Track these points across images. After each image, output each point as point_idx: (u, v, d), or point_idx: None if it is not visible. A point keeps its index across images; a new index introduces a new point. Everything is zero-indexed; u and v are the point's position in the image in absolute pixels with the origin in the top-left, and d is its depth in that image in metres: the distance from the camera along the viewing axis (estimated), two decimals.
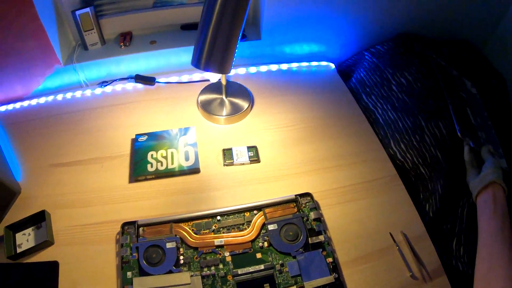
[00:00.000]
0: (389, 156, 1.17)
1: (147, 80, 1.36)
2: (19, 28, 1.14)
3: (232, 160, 1.13)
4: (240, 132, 1.23)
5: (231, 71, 1.09)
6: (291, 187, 1.08)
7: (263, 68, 1.44)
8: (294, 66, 1.47)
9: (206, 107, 1.25)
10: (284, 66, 1.46)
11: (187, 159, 1.12)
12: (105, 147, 1.17)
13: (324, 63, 1.49)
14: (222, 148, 1.16)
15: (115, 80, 1.37)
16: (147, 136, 1.17)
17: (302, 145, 1.19)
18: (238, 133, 1.23)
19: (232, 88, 1.33)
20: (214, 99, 1.28)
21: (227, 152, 1.15)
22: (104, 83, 1.36)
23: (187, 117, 1.27)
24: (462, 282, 0.95)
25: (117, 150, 1.16)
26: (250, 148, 1.16)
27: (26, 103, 1.31)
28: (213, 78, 1.17)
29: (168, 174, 1.10)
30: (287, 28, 1.38)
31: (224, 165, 1.13)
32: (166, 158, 1.12)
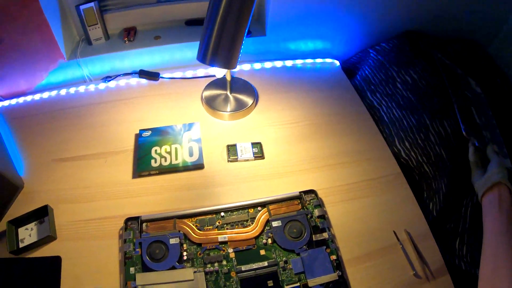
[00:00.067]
0: (393, 154, 1.17)
1: (151, 75, 1.36)
2: (23, 22, 1.13)
3: (237, 156, 1.13)
4: (244, 128, 1.23)
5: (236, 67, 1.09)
6: (295, 184, 1.08)
7: (268, 65, 1.44)
8: (298, 62, 1.46)
9: (210, 103, 1.25)
10: (289, 63, 1.45)
11: (191, 154, 1.11)
12: (108, 142, 1.17)
13: (329, 60, 1.49)
14: (227, 144, 1.16)
15: (119, 75, 1.37)
16: (151, 131, 1.16)
17: (306, 142, 1.19)
18: (243, 129, 1.22)
19: (237, 84, 1.32)
20: (218, 95, 1.28)
21: (232, 148, 1.15)
22: (108, 78, 1.36)
23: (191, 112, 1.26)
24: (465, 281, 0.95)
25: (120, 145, 1.16)
26: (254, 144, 1.16)
27: (29, 98, 1.30)
28: (218, 74, 1.16)
29: (172, 169, 1.09)
30: (292, 25, 1.37)
31: (228, 161, 1.13)
32: (170, 153, 1.12)
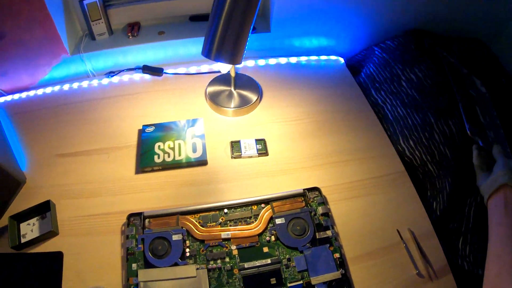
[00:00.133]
0: (397, 153, 1.17)
1: (155, 71, 1.35)
2: (26, 17, 1.13)
3: (240, 153, 1.12)
4: (248, 124, 1.22)
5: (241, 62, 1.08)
6: (298, 181, 1.08)
7: (272, 61, 1.43)
8: (303, 59, 1.46)
9: (214, 99, 1.24)
10: (293, 60, 1.45)
11: (194, 150, 1.11)
12: (111, 137, 1.17)
13: (333, 57, 1.48)
14: (230, 141, 1.15)
15: (123, 70, 1.37)
16: (154, 127, 1.16)
17: (310, 139, 1.19)
18: (246, 125, 1.22)
19: (241, 80, 1.32)
20: (222, 91, 1.27)
21: (235, 145, 1.14)
22: (111, 74, 1.35)
23: (195, 108, 1.26)
24: (468, 281, 0.94)
25: (123, 141, 1.16)
26: (258, 141, 1.15)
27: (32, 93, 1.30)
28: (222, 69, 1.16)
29: (175, 165, 1.09)
30: (296, 21, 1.37)
31: (232, 157, 1.13)
32: (173, 149, 1.11)
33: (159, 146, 1.11)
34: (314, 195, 1.02)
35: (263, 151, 1.13)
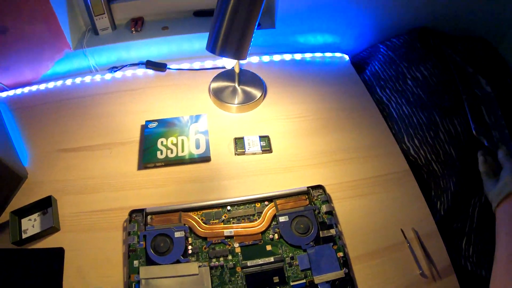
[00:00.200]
0: (402, 151, 1.16)
1: (158, 66, 1.35)
2: (29, 11, 1.13)
3: (244, 150, 1.11)
4: (252, 121, 1.21)
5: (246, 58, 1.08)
6: (302, 179, 1.07)
7: (277, 57, 1.43)
8: (307, 56, 1.45)
9: (218, 95, 1.24)
10: (298, 56, 1.44)
11: (197, 147, 1.10)
12: (114, 133, 1.16)
13: (338, 55, 1.47)
14: (234, 137, 1.15)
15: (126, 65, 1.36)
16: (157, 122, 1.15)
17: (314, 136, 1.18)
18: (250, 122, 1.21)
19: (245, 76, 1.31)
20: (226, 87, 1.27)
21: (239, 141, 1.14)
22: (114, 69, 1.35)
23: (199, 104, 1.25)
24: (471, 282, 0.94)
25: (126, 136, 1.15)
26: (262, 137, 1.14)
27: (34, 88, 1.30)
28: (227, 65, 1.15)
29: (178, 161, 1.08)
30: (301, 18, 1.36)
31: (235, 154, 1.12)
32: (176, 145, 1.11)
33: (162, 142, 1.11)
34: (318, 193, 1.02)
35: (267, 148, 1.12)
